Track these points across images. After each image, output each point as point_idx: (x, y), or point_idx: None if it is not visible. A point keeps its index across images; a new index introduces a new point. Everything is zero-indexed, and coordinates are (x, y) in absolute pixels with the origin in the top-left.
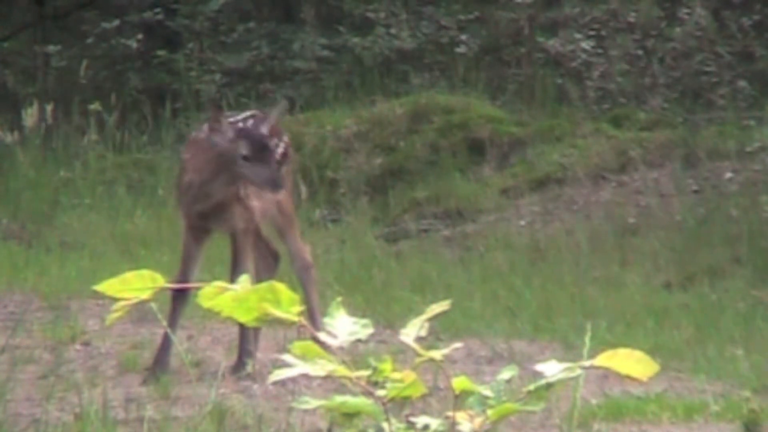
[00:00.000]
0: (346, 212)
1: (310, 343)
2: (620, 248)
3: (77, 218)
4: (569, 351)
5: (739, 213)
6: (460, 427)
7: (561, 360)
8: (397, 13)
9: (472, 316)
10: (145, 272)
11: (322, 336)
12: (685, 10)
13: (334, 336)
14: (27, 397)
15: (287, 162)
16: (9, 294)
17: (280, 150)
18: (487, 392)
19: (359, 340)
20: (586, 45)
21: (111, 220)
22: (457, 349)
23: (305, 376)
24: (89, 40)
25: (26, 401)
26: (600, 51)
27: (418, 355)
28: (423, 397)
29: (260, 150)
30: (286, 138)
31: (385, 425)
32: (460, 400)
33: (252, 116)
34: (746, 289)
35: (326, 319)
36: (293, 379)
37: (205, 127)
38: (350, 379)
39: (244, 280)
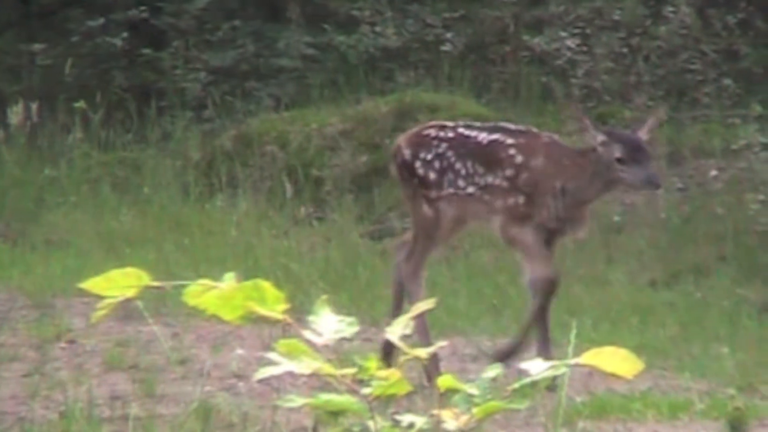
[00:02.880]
0: (331, 210)
1: (295, 341)
2: (605, 246)
3: (62, 216)
4: (554, 349)
5: (724, 211)
6: (445, 425)
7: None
8: (382, 12)
9: (457, 314)
10: (131, 270)
11: (307, 334)
12: (670, 8)
13: (320, 334)
14: (12, 395)
15: None
16: None
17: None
18: (473, 390)
19: (344, 338)
20: (571, 43)
21: (96, 218)
22: (442, 347)
23: (290, 374)
24: (74, 39)
25: (11, 399)
26: (585, 49)
27: (404, 353)
28: (408, 395)
29: (634, 151)
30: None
31: (370, 423)
32: (445, 398)
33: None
34: (731, 287)
35: (311, 317)
36: (278, 377)
37: (542, 133)
38: (335, 377)
39: (229, 278)
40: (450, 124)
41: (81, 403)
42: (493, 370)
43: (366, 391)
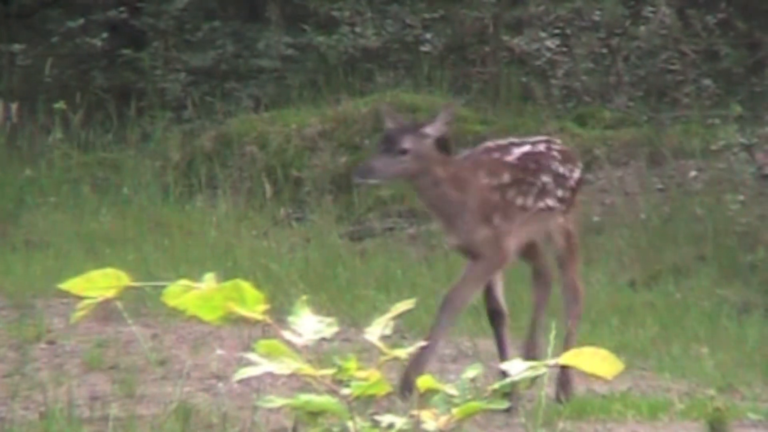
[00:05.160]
0: (311, 211)
1: (275, 342)
2: (585, 246)
3: (42, 217)
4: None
5: (704, 211)
6: (425, 426)
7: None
8: (361, 12)
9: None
10: (110, 271)
11: (287, 334)
12: (650, 9)
13: (299, 335)
14: None
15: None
16: None
17: (575, 176)
18: (452, 391)
19: (324, 339)
20: (550, 43)
21: (76, 219)
22: (422, 347)
23: (270, 374)
24: (54, 39)
25: None
26: (565, 49)
27: (383, 353)
28: (388, 395)
29: (379, 142)
30: (580, 165)
31: (350, 424)
32: (424, 398)
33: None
34: (711, 287)
35: (291, 318)
36: (258, 378)
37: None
38: (315, 377)
39: (209, 279)
40: None
41: (61, 404)
42: (473, 371)
43: (345, 391)
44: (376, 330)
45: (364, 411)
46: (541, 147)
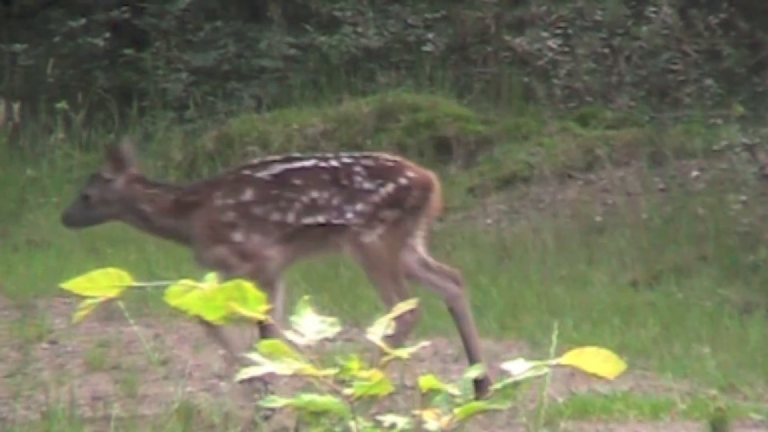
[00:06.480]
0: None
1: (277, 342)
2: (587, 247)
3: (44, 216)
4: (536, 349)
5: (706, 211)
6: (427, 426)
7: (528, 358)
8: (363, 12)
9: (438, 315)
10: (112, 270)
11: (288, 334)
12: (652, 9)
13: (302, 334)
14: None
15: (402, 205)
16: None
17: (385, 190)
18: (454, 390)
19: (326, 339)
20: (552, 43)
21: None
22: (423, 347)
23: (272, 374)
24: (56, 39)
25: None
26: (567, 49)
27: (385, 353)
28: (390, 395)
29: None
30: (403, 181)
31: (352, 424)
32: (426, 398)
33: (365, 156)
34: (712, 287)
35: (293, 318)
36: (260, 378)
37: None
38: (317, 377)
39: (211, 279)
40: None
41: (63, 404)
42: (475, 371)
43: (348, 391)
44: (378, 330)
45: (366, 411)
46: (337, 162)
